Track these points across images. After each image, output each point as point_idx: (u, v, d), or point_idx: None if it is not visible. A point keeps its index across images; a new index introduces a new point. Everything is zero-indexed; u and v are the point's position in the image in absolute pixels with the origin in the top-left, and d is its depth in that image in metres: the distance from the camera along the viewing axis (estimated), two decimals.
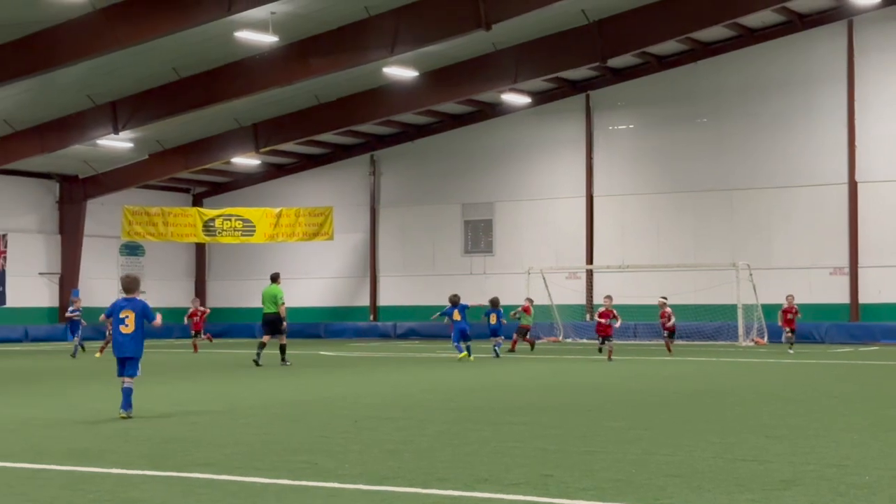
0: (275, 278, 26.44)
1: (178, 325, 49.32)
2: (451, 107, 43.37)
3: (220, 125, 41.82)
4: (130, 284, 13.73)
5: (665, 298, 29.97)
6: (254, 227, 43.41)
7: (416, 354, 26.22)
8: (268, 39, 30.70)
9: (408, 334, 44.90)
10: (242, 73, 34.38)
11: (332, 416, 13.94)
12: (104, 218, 46.27)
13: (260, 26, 30.02)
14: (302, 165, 49.24)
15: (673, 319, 29.34)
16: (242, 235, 43.71)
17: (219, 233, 43.90)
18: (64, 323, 39.43)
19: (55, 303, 46.09)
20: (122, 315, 13.27)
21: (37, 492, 8.26)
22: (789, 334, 32.00)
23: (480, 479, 8.63)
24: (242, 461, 9.70)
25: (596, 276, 42.66)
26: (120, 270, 48.47)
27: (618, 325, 26.97)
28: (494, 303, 29.29)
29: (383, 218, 48.04)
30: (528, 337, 33.26)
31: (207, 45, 32.44)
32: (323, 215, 43.42)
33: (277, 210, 43.14)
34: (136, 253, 49.48)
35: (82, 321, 30.05)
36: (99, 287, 47.25)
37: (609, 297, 27.29)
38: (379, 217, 48.11)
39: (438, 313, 28.28)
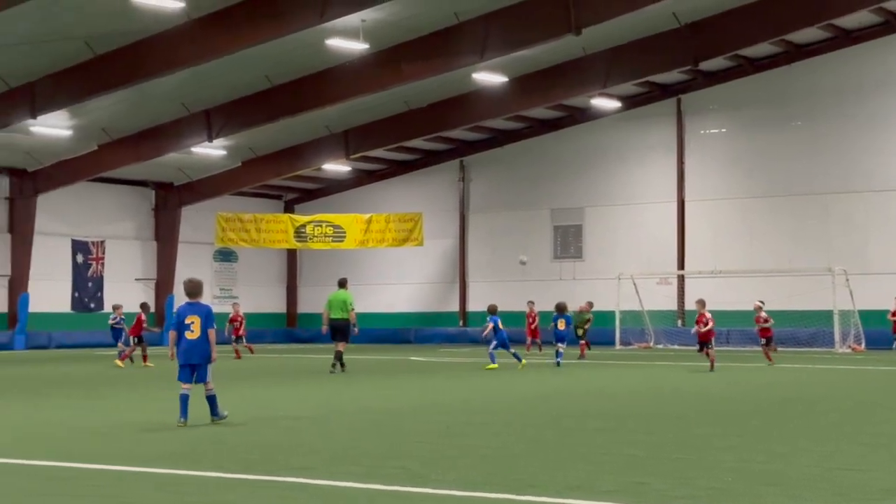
0: (343, 283, 26.34)
1: (270, 330, 50.02)
2: (540, 112, 43.26)
3: (311, 132, 42.24)
4: (195, 289, 13.46)
5: (762, 303, 29.07)
6: (344, 233, 43.77)
7: (506, 360, 26.10)
8: (358, 47, 30.91)
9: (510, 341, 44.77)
10: (333, 80, 34.67)
11: (424, 421, 13.96)
12: (198, 224, 47.00)
13: (351, 34, 30.25)
14: (392, 171, 49.50)
15: (769, 323, 28.14)
16: (333, 241, 44.09)
17: (310, 239, 44.34)
18: (156, 331, 40.08)
19: (152, 308, 46.85)
20: (187, 321, 13.11)
21: (131, 494, 8.39)
22: None
23: (573, 487, 8.57)
24: (335, 466, 9.76)
25: (688, 282, 42.19)
26: (214, 276, 49.25)
27: (693, 331, 26.29)
28: (561, 308, 28.42)
29: (472, 223, 48.09)
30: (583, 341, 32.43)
31: (299, 53, 32.79)
32: (413, 221, 43.61)
33: (368, 216, 43.43)
34: (230, 259, 50.17)
35: (125, 328, 29.56)
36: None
37: (700, 301, 26.34)
38: (468, 222, 48.17)
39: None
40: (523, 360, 26.36)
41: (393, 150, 45.73)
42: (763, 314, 28.24)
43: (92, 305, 45.07)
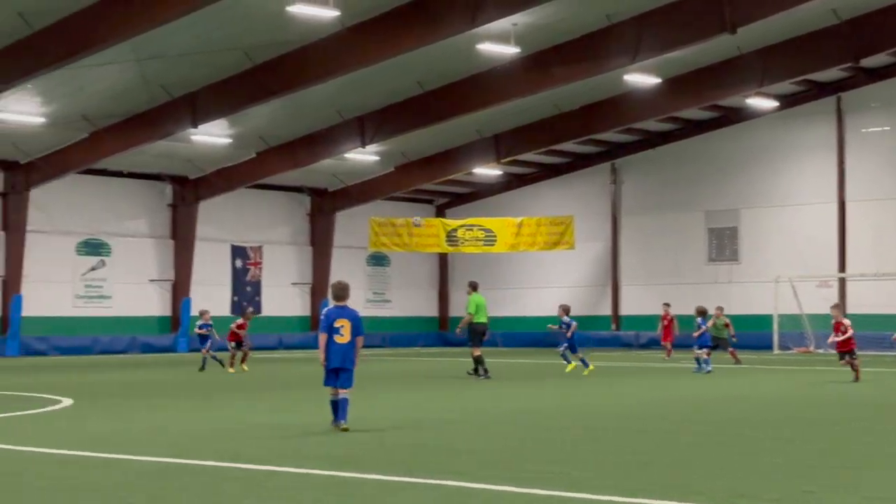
0: (477, 287, 26.08)
1: (423, 334, 50.49)
2: (694, 113, 42.61)
3: (462, 136, 42.49)
4: (342, 292, 13.19)
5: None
6: (495, 236, 43.80)
7: (660, 365, 25.83)
8: (510, 51, 30.97)
9: (650, 344, 44.30)
10: (484, 84, 34.80)
11: (581, 426, 13.89)
12: (352, 229, 47.73)
13: (501, 38, 30.32)
14: (542, 175, 49.41)
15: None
16: (484, 245, 44.17)
17: (461, 243, 44.51)
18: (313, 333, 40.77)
19: (307, 311, 47.87)
20: (337, 324, 12.87)
21: (300, 495, 8.57)
22: None
23: (738, 494, 8.42)
24: (495, 470, 9.78)
25: (849, 285, 40.97)
26: (367, 280, 49.94)
27: (829, 340, 23.69)
28: (702, 312, 27.48)
29: (625, 226, 47.65)
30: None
31: (450, 59, 33.02)
32: (564, 224, 43.38)
33: (519, 220, 43.39)
34: (382, 263, 50.80)
35: (214, 334, 28.60)
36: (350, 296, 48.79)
37: (836, 307, 23.70)
38: (620, 225, 47.76)
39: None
40: (591, 366, 25.57)
41: (543, 153, 45.67)
42: (845, 321, 25.00)
43: (250, 309, 46.16)
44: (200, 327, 28.53)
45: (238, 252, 46.17)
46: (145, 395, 19.67)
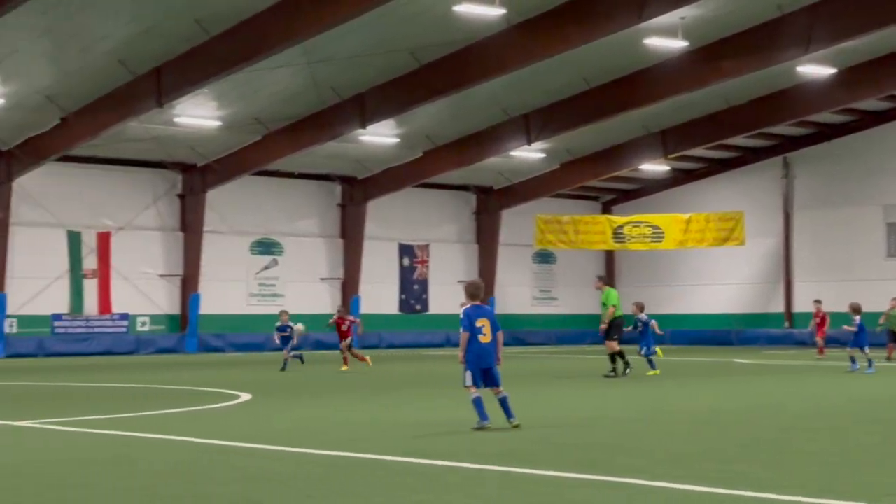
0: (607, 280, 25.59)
1: (589, 331, 50.12)
2: (871, 104, 41.18)
3: (628, 132, 42.06)
4: (478, 290, 12.92)
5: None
6: (663, 233, 43.17)
7: (835, 363, 25.01)
8: (677, 45, 30.51)
9: (827, 342, 42.99)
10: (651, 79, 34.39)
11: (758, 425, 13.58)
12: (518, 227, 47.75)
13: (669, 32, 29.90)
14: (711, 170, 48.53)
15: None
16: (652, 242, 43.57)
17: (628, 240, 44.01)
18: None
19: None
20: (478, 324, 12.52)
21: (478, 489, 8.60)
22: None
23: None
24: (672, 468, 9.64)
25: None
26: (533, 278, 49.94)
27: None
28: (856, 309, 26.31)
29: (798, 221, 46.41)
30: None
31: (616, 54, 32.73)
32: (733, 220, 42.44)
33: (687, 216, 42.66)
34: (548, 261, 50.70)
35: (294, 334, 27.88)
36: (512, 294, 48.91)
37: None
38: (793, 221, 46.53)
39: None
40: (657, 370, 24.16)
41: (712, 148, 44.84)
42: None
43: (417, 307, 46.74)
44: (279, 329, 28.04)
45: (405, 250, 46.76)
46: (319, 391, 20.07)
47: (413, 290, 46.57)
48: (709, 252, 46.04)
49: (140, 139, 36.76)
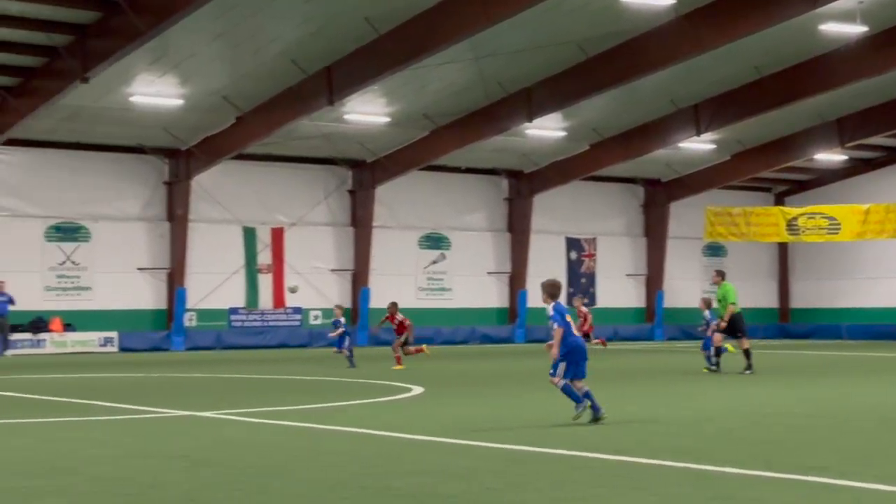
0: (725, 275, 24.26)
1: (762, 326, 49.02)
2: None
3: (801, 121, 40.93)
4: (559, 290, 13.14)
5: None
6: (839, 224, 41.91)
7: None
8: (855, 30, 29.52)
9: None
10: (827, 66, 33.37)
11: None
12: (686, 220, 47.05)
13: (846, 17, 28.95)
14: (890, 159, 46.84)
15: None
16: (828, 234, 42.36)
17: (802, 232, 42.89)
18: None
19: (642, 303, 47.67)
20: (568, 319, 12.87)
21: (658, 486, 8.51)
22: None
23: None
24: (860, 467, 9.35)
25: None
26: (703, 272, 49.10)
27: None
28: None
29: None
30: None
31: (789, 41, 31.88)
32: None
33: (865, 207, 41.30)
34: (718, 254, 49.76)
35: (347, 331, 26.64)
36: (682, 287, 48.19)
37: None
38: None
39: None
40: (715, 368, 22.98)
41: (891, 136, 43.24)
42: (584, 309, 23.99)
43: (585, 301, 46.49)
44: (335, 325, 26.74)
45: (573, 244, 46.60)
46: (490, 384, 20.17)
47: (580, 283, 46.36)
48: (888, 244, 44.47)
49: (311, 137, 37.57)
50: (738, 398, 16.61)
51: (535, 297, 44.33)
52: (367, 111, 35.82)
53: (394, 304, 26.71)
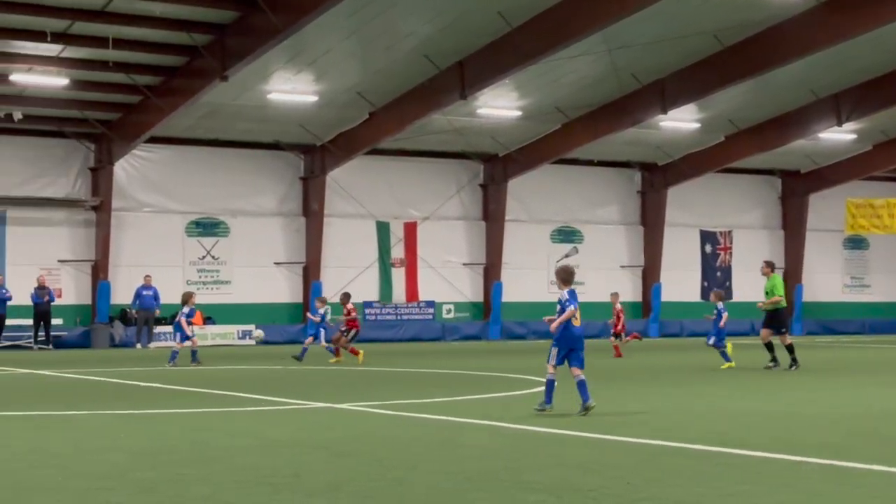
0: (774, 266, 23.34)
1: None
2: None
3: None
4: (572, 277, 13.45)
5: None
6: None
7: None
8: None
9: None
10: None
11: None
12: (826, 212, 45.99)
13: None
14: None
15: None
16: None
17: None
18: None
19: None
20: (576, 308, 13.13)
21: (803, 483, 8.35)
22: None
23: None
24: None
25: None
26: (844, 265, 47.96)
27: None
28: None
29: None
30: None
31: None
32: None
33: None
34: (860, 246, 48.51)
35: (326, 323, 26.73)
36: (822, 281, 47.12)
37: None
38: None
39: None
40: (732, 362, 22.46)
41: None
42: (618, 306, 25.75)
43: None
44: (322, 318, 26.63)
45: (707, 237, 45.92)
46: (622, 379, 20.00)
47: (716, 277, 45.65)
48: None
49: (443, 131, 37.76)
50: (872, 396, 16.15)
51: (669, 291, 43.85)
52: (500, 105, 35.87)
53: (346, 296, 27.12)
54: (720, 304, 23.48)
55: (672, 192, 44.12)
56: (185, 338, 24.32)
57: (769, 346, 22.18)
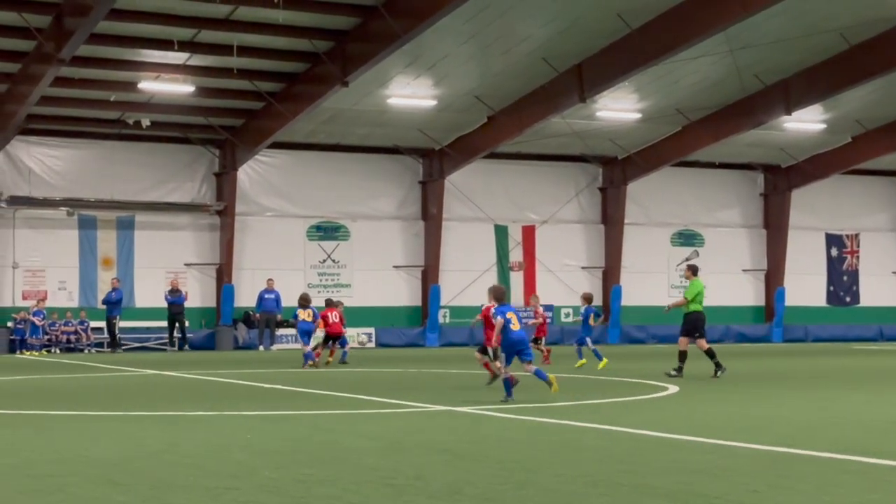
0: (697, 270, 22.26)
1: None
2: None
3: None
4: (504, 295, 15.93)
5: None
6: None
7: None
8: None
9: None
10: None
11: None
12: None
13: None
14: None
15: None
16: None
17: None
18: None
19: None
20: (508, 316, 15.08)
21: None
22: None
23: None
24: None
25: None
26: None
27: None
28: None
29: None
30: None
31: None
32: None
33: None
34: None
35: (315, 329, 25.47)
36: None
37: None
38: None
39: None
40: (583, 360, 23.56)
41: None
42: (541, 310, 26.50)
43: (847, 299, 44.78)
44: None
45: (833, 240, 44.95)
46: (747, 384, 19.68)
47: (842, 281, 44.64)
48: None
49: (562, 134, 37.66)
50: None
51: (793, 295, 42.98)
52: (619, 107, 35.65)
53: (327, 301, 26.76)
54: (588, 307, 24.15)
55: (796, 194, 43.28)
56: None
57: (682, 356, 21.07)
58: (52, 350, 34.57)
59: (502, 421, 13.12)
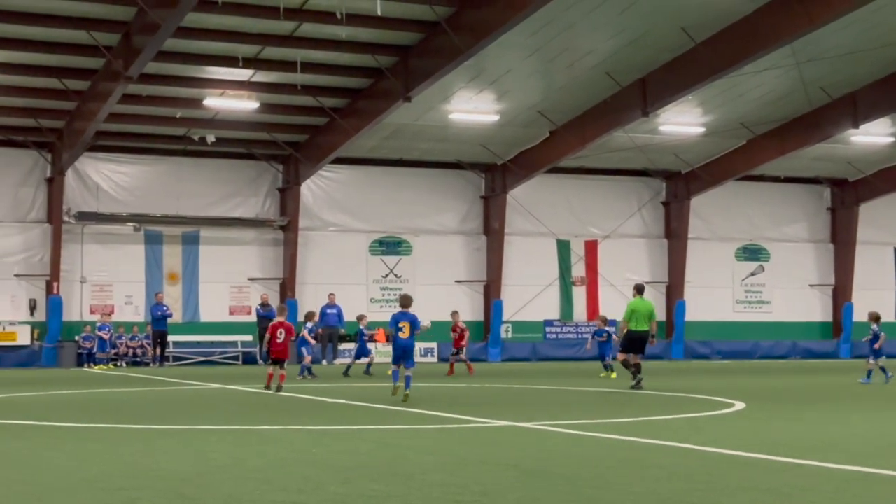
0: (642, 290, 22.39)
1: None
2: None
3: None
4: (409, 302, 18.22)
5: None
6: None
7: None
8: None
9: None
10: None
11: None
12: None
13: None
14: None
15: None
16: None
17: None
18: None
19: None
20: (400, 325, 17.65)
21: None
22: None
23: None
24: None
25: None
26: None
27: None
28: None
29: None
30: None
31: None
32: None
33: None
34: None
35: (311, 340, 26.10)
36: None
37: None
38: None
39: None
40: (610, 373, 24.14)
41: None
42: (461, 324, 27.27)
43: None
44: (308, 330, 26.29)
45: None
46: (816, 401, 19.41)
47: None
48: None
49: (625, 149, 37.49)
50: None
51: (861, 312, 42.30)
52: (682, 121, 35.42)
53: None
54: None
55: (864, 208, 42.69)
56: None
57: (627, 365, 21.72)
58: (119, 364, 34.99)
59: (568, 437, 13.03)
